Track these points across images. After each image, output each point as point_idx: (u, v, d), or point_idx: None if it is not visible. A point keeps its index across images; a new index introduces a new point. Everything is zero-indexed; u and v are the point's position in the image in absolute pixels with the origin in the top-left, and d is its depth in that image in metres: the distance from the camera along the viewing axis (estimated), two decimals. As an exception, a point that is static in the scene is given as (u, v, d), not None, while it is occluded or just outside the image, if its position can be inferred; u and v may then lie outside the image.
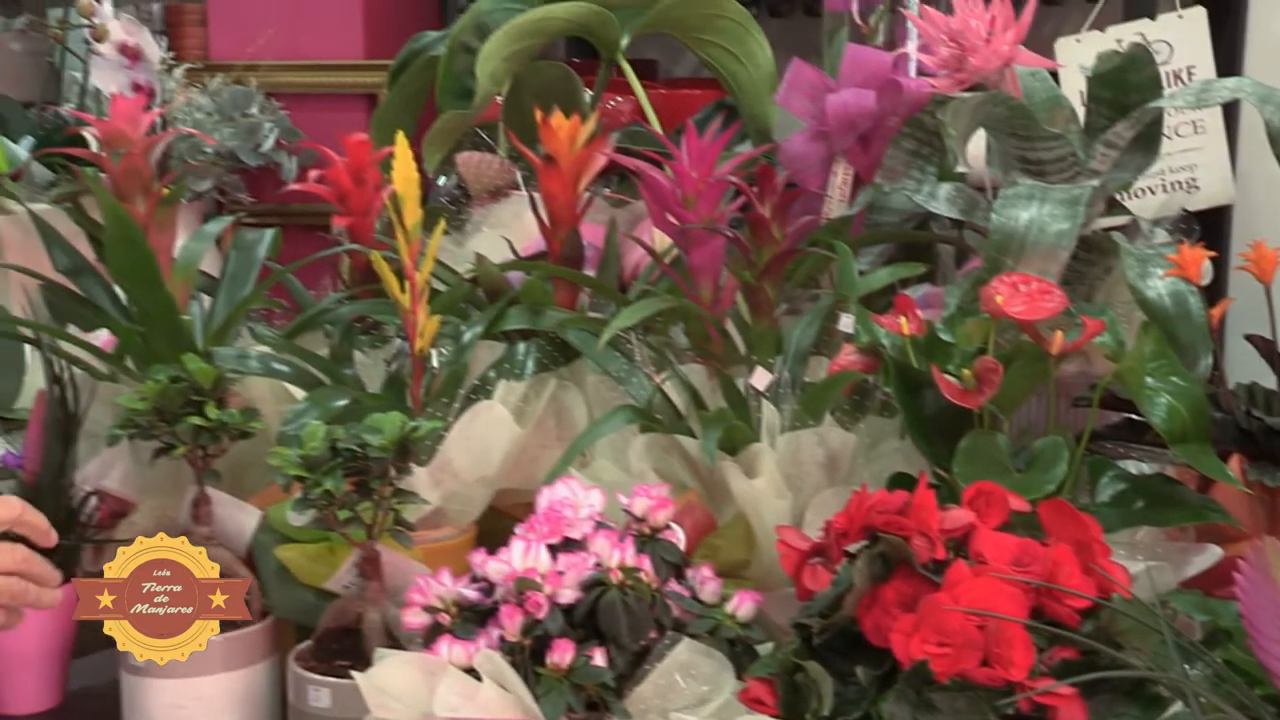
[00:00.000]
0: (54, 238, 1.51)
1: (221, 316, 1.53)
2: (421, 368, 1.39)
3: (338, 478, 1.17)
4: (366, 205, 1.61)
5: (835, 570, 0.96)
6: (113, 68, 1.96)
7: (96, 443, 1.45)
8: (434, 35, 1.92)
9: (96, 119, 1.43)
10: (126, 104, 1.43)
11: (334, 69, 2.76)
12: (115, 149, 1.41)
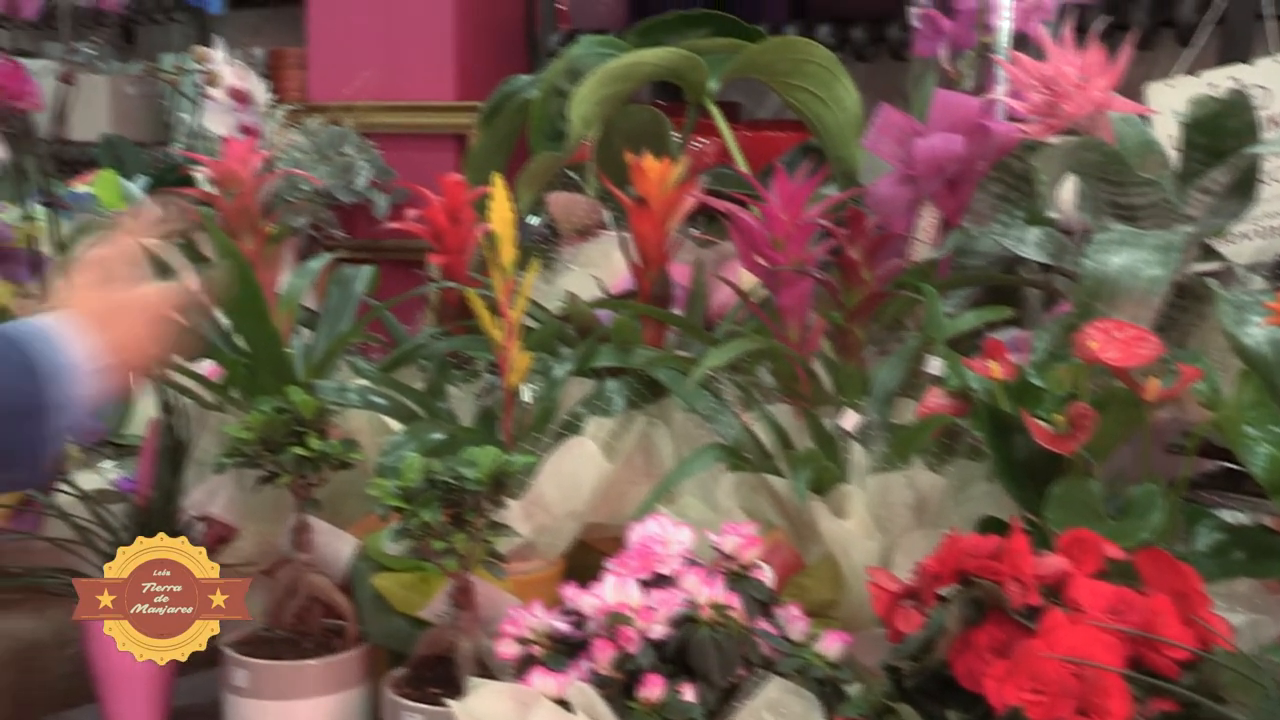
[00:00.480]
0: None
1: (322, 350, 1.54)
2: (513, 403, 1.38)
3: (435, 509, 1.17)
4: (461, 243, 1.61)
5: (927, 613, 0.94)
6: (223, 110, 1.99)
7: (204, 470, 1.46)
8: (526, 79, 1.92)
9: (210, 160, 1.45)
10: (238, 146, 1.45)
11: (426, 110, 2.79)
12: (227, 189, 1.42)
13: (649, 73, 1.68)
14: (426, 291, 1.63)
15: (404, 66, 2.78)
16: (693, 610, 1.05)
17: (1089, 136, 1.22)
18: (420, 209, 1.63)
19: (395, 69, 2.79)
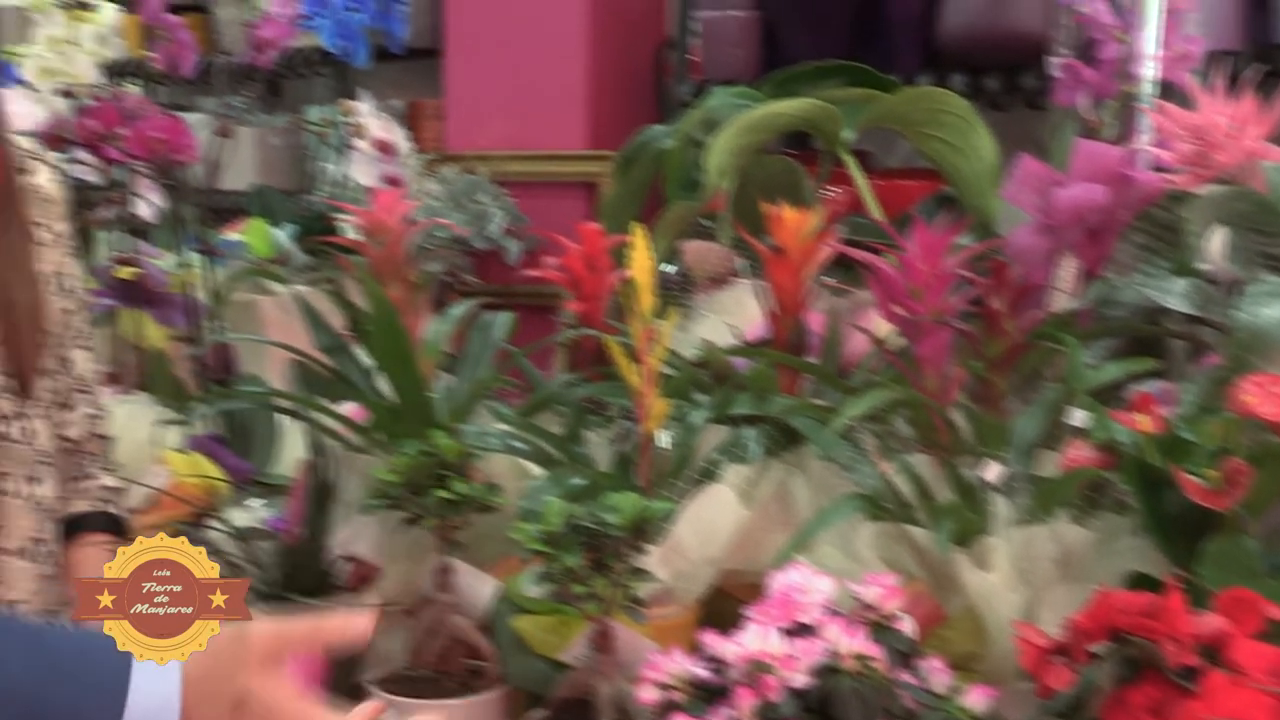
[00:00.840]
0: (316, 318, 1.57)
1: (462, 394, 1.57)
2: (650, 449, 1.39)
3: (576, 554, 1.17)
4: (598, 291, 1.63)
5: (1078, 670, 0.92)
6: (368, 161, 2.05)
7: (349, 510, 1.49)
8: (661, 129, 1.94)
9: (359, 209, 1.49)
10: (386, 196, 1.49)
11: (557, 159, 2.83)
12: (376, 238, 1.46)
13: (785, 123, 1.69)
14: (564, 338, 1.65)
15: (537, 117, 2.83)
16: (835, 660, 1.04)
17: (1241, 187, 1.19)
18: (558, 256, 1.66)
19: (528, 119, 2.83)
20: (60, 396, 1.44)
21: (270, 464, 1.95)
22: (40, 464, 1.38)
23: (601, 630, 1.22)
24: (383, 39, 2.22)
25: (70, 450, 1.45)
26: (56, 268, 1.42)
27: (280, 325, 2.09)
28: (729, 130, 1.63)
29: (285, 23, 2.01)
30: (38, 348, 1.37)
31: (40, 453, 1.38)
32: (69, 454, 1.45)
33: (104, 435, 1.50)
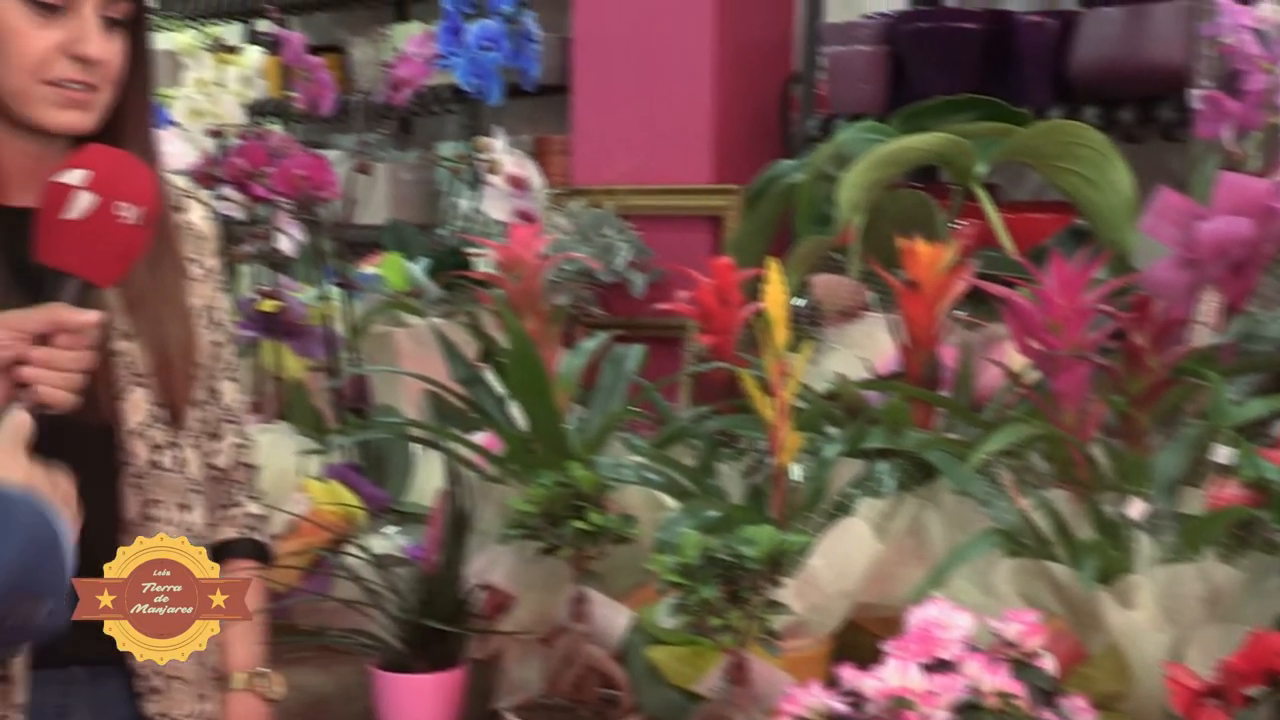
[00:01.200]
0: (453, 350, 1.61)
1: (595, 426, 1.59)
2: (783, 482, 1.39)
3: (713, 586, 1.18)
4: (729, 324, 1.64)
5: (1233, 713, 0.90)
6: (501, 196, 2.08)
7: (484, 539, 1.52)
8: (790, 164, 1.95)
9: (495, 244, 1.52)
10: (522, 231, 1.52)
11: (683, 193, 2.85)
12: (512, 271, 1.49)
13: (917, 158, 1.68)
14: (696, 371, 1.66)
15: (663, 151, 2.86)
16: (977, 697, 1.03)
17: (1394, 220, 1.16)
18: (688, 290, 1.67)
19: (654, 154, 2.86)
20: (209, 426, 1.48)
21: (405, 492, 1.99)
22: (191, 492, 1.43)
23: (737, 662, 1.22)
24: (516, 77, 2.26)
25: (218, 478, 1.50)
26: (207, 302, 1.47)
27: (414, 357, 2.13)
28: (860, 165, 1.63)
29: (421, 62, 2.06)
30: (189, 380, 1.41)
31: (191, 481, 1.43)
32: (217, 482, 1.50)
33: (250, 464, 1.54)
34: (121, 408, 1.37)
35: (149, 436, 1.38)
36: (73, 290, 1.18)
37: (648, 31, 2.82)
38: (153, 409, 1.38)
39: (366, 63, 3.18)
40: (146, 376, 1.38)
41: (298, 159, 1.82)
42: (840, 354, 1.74)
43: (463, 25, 2.17)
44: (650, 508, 1.46)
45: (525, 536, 1.36)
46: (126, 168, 1.21)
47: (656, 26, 2.81)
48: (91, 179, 1.17)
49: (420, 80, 2.06)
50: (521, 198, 2.11)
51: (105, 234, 1.17)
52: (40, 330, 1.16)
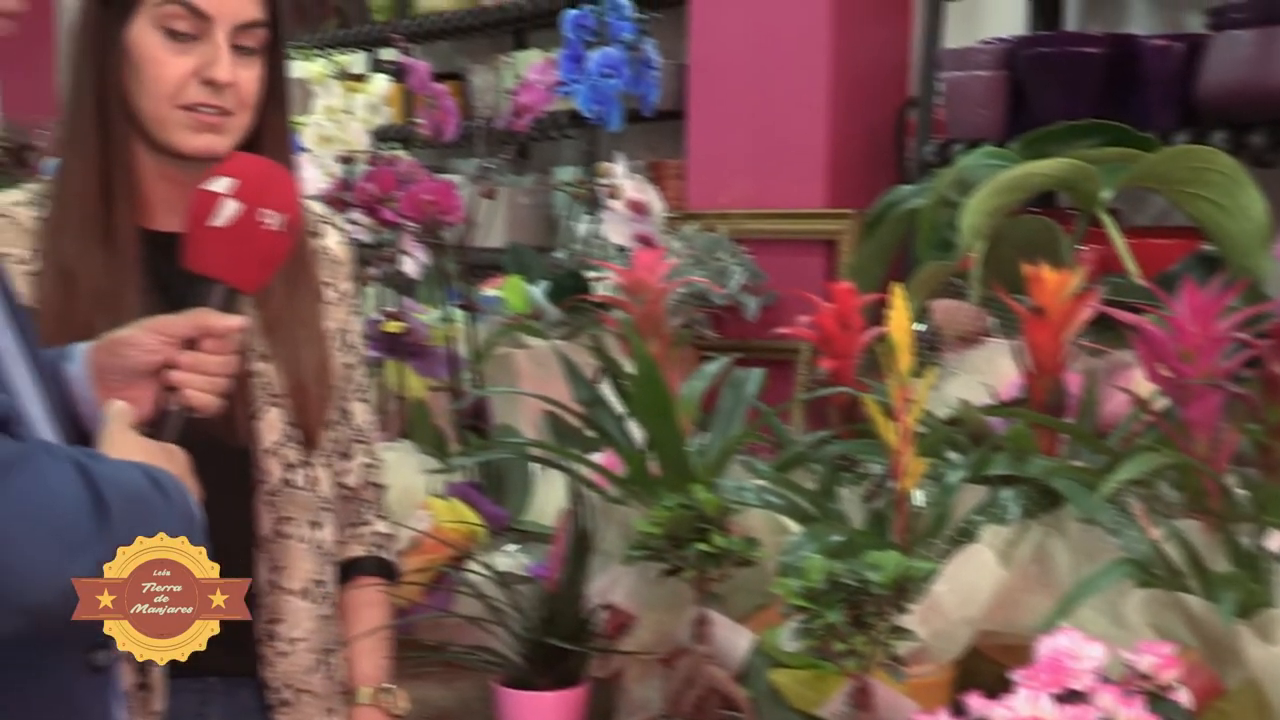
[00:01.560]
0: (575, 372, 1.63)
1: (715, 449, 1.59)
2: (906, 507, 1.39)
3: (838, 611, 1.18)
4: (850, 349, 1.64)
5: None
6: (621, 221, 2.10)
7: (606, 559, 1.53)
8: (909, 190, 1.95)
9: (621, 268, 1.54)
10: (647, 256, 1.53)
11: (797, 217, 2.84)
12: (637, 295, 1.50)
13: (1041, 183, 1.67)
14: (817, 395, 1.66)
15: (776, 175, 2.86)
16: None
17: None
18: (809, 314, 1.67)
19: (768, 178, 2.86)
20: (341, 446, 1.52)
21: (524, 511, 2.01)
22: (321, 509, 1.46)
23: (861, 687, 1.21)
24: (635, 103, 2.28)
25: (348, 497, 1.53)
26: (341, 325, 1.50)
27: (533, 377, 2.16)
28: (984, 190, 1.62)
29: (543, 89, 2.09)
30: (323, 401, 1.45)
31: (322, 499, 1.46)
32: (347, 501, 1.53)
33: (379, 484, 1.57)
34: (257, 427, 1.41)
35: (283, 455, 1.42)
36: (219, 296, 1.21)
37: (763, 57, 2.83)
38: (287, 429, 1.42)
39: (485, 89, 3.23)
40: (281, 397, 1.42)
41: (425, 184, 1.85)
42: (961, 379, 1.72)
43: (584, 53, 2.20)
44: (772, 531, 1.46)
45: (649, 557, 1.37)
46: (271, 175, 1.24)
47: (772, 53, 2.81)
48: (238, 187, 1.20)
49: (542, 106, 2.08)
50: (641, 222, 2.12)
51: (250, 240, 1.20)
52: (188, 335, 1.20)
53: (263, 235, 1.21)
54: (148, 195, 1.40)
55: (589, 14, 2.23)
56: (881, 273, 1.94)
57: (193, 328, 1.20)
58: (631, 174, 2.15)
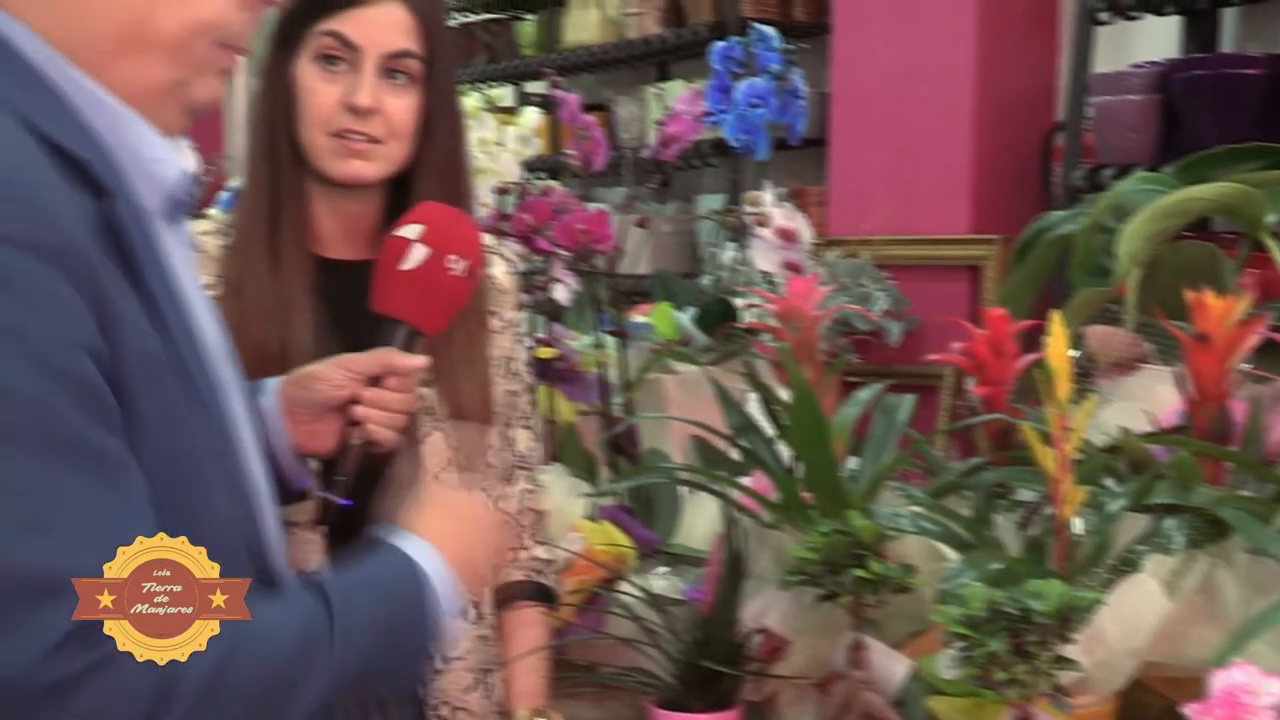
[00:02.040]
0: (728, 398, 1.63)
1: (868, 476, 1.58)
2: (1066, 535, 1.36)
3: (1000, 639, 1.16)
4: (1003, 375, 1.61)
5: None
6: (770, 248, 2.11)
7: (759, 583, 1.53)
8: (1060, 215, 1.91)
9: (775, 296, 1.54)
10: (800, 283, 1.53)
11: (940, 243, 2.81)
12: (791, 323, 1.50)
13: (1201, 208, 1.62)
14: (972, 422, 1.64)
15: (919, 202, 2.83)
16: (1290, 767, 0.98)
17: None
18: (955, 339, 1.65)
19: (911, 204, 2.84)
20: (503, 471, 1.54)
21: (673, 534, 2.02)
22: None
23: (1022, 716, 1.19)
24: (781, 132, 2.29)
25: (508, 522, 1.55)
26: (506, 353, 1.53)
27: (680, 402, 2.17)
28: (1142, 216, 1.59)
29: (691, 120, 2.11)
30: (485, 426, 1.47)
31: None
32: (507, 525, 1.55)
33: (538, 509, 1.59)
34: (421, 451, 1.44)
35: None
36: (402, 336, 1.25)
37: (906, 84, 2.81)
38: (449, 453, 1.45)
39: (630, 119, 3.26)
40: (444, 422, 1.45)
41: (579, 214, 1.88)
42: (1118, 406, 1.68)
43: (731, 83, 2.21)
44: (928, 558, 1.44)
45: (804, 583, 1.36)
46: (457, 223, 1.28)
47: (915, 79, 2.79)
48: (425, 233, 1.24)
49: (689, 137, 2.10)
50: (790, 249, 2.12)
51: (436, 284, 1.24)
52: (373, 373, 1.24)
53: (448, 280, 1.24)
54: (317, 224, 1.45)
55: (737, 45, 2.24)
56: (1032, 298, 1.90)
57: (378, 366, 1.24)
58: (780, 202, 2.15)
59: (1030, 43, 2.76)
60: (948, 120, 2.75)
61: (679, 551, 1.94)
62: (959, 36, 2.70)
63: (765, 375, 1.68)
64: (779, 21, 2.80)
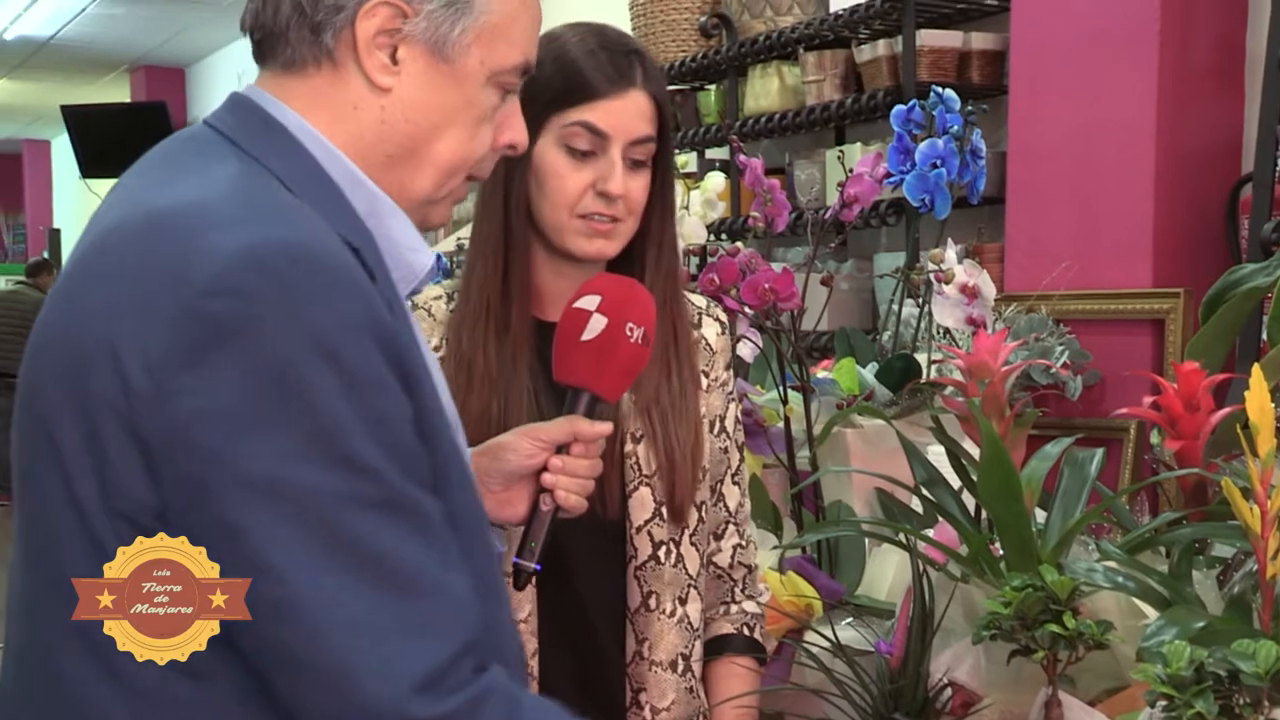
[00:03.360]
0: (915, 451, 1.58)
1: (1058, 530, 1.51)
2: (1273, 593, 1.27)
3: (1209, 700, 1.09)
4: (1196, 429, 1.53)
5: None
6: (953, 304, 2.05)
7: (947, 636, 1.47)
8: (1253, 268, 1.82)
9: (963, 352, 1.49)
10: (988, 340, 1.48)
11: (1122, 297, 2.70)
12: (980, 378, 1.45)
13: (1406, 258, 1.52)
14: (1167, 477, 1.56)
15: (1099, 256, 2.73)
16: None
17: None
18: (1149, 394, 1.58)
19: (1090, 259, 2.73)
20: (713, 526, 1.52)
21: (857, 585, 1.97)
22: (690, 586, 1.47)
23: (1231, 780, 1.11)
24: (963, 191, 2.24)
25: (719, 575, 1.53)
26: (717, 411, 1.52)
27: (862, 455, 2.12)
28: (1343, 267, 1.49)
29: (872, 181, 2.08)
30: (694, 482, 1.46)
31: (689, 576, 1.47)
32: (717, 579, 1.53)
33: (749, 564, 1.57)
34: (630, 505, 1.43)
35: (653, 533, 1.44)
36: (585, 404, 1.25)
37: (1084, 142, 2.72)
38: (657, 507, 1.44)
39: (808, 182, 3.24)
40: (651, 477, 1.44)
41: (765, 273, 1.86)
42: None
43: (912, 145, 2.17)
44: (1124, 614, 1.37)
45: (997, 637, 1.31)
46: (633, 293, 1.28)
47: (1093, 137, 2.70)
48: (602, 303, 1.25)
49: (871, 197, 2.06)
50: (973, 305, 2.06)
51: (615, 352, 1.25)
52: (561, 441, 1.24)
53: (627, 347, 1.25)
54: (540, 289, 1.46)
55: (917, 108, 2.21)
56: (1224, 352, 1.81)
57: (565, 434, 1.25)
58: (963, 259, 2.09)
59: (1215, 96, 2.64)
60: (1129, 176, 2.65)
61: (864, 603, 1.89)
62: (1140, 94, 2.60)
63: (952, 429, 1.63)
64: (956, 84, 2.75)
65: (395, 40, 0.99)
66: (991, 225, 3.06)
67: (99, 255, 0.92)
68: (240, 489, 0.85)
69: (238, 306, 0.85)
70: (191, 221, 0.89)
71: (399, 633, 0.87)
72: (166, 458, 0.86)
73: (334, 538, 0.86)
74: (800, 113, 3.27)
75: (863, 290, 3.19)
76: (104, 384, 0.87)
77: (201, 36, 8.93)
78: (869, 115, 3.12)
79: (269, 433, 0.85)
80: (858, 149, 3.00)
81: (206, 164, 0.95)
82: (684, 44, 3.61)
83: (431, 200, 1.04)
